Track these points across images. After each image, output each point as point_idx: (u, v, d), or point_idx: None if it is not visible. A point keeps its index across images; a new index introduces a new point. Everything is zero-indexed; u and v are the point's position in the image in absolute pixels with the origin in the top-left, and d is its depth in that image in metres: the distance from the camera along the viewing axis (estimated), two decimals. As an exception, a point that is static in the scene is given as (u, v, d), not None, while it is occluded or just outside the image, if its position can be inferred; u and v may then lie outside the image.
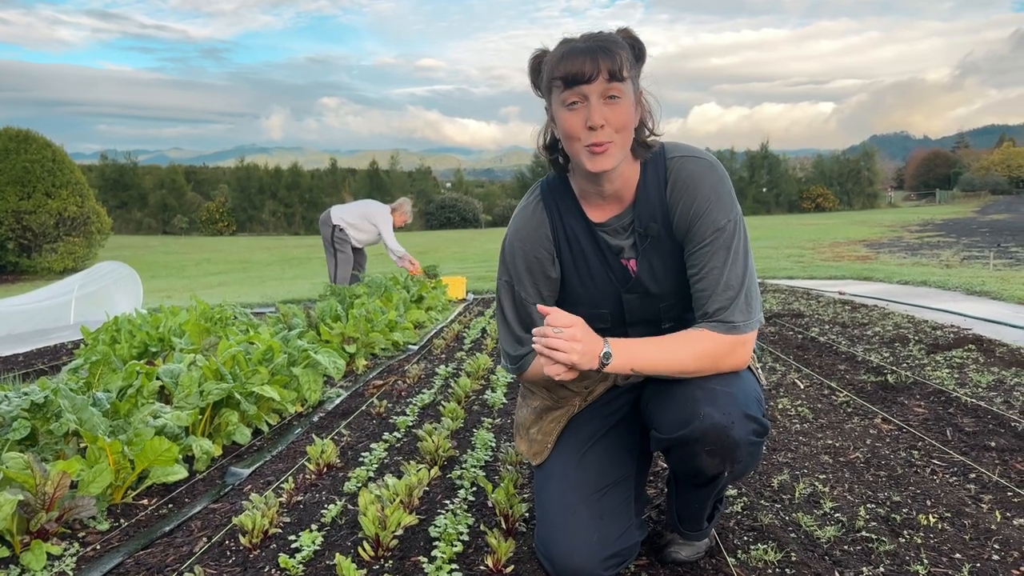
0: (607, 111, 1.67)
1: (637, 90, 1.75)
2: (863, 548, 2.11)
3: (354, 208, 8.18)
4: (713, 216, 1.74)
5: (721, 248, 1.74)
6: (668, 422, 1.73)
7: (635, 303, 1.90)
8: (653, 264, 1.85)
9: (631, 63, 1.71)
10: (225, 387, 3.20)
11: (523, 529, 2.26)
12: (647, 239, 1.83)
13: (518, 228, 1.92)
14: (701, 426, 1.66)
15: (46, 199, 19.47)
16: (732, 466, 1.73)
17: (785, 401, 3.70)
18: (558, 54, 1.69)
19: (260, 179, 57.19)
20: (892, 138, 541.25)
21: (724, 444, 1.67)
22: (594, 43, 1.67)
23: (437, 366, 4.89)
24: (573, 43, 1.70)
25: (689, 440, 1.69)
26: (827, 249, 16.97)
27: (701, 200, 1.76)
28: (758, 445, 1.74)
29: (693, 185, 1.77)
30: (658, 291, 1.87)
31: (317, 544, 2.18)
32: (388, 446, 3.18)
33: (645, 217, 1.82)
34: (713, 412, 1.66)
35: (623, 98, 1.67)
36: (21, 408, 2.73)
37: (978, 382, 3.88)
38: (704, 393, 1.70)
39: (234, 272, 19.52)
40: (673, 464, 1.90)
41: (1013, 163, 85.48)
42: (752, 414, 1.70)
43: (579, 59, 1.65)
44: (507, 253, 1.93)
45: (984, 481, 2.58)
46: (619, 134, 1.69)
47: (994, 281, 8.43)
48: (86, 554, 2.22)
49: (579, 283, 1.92)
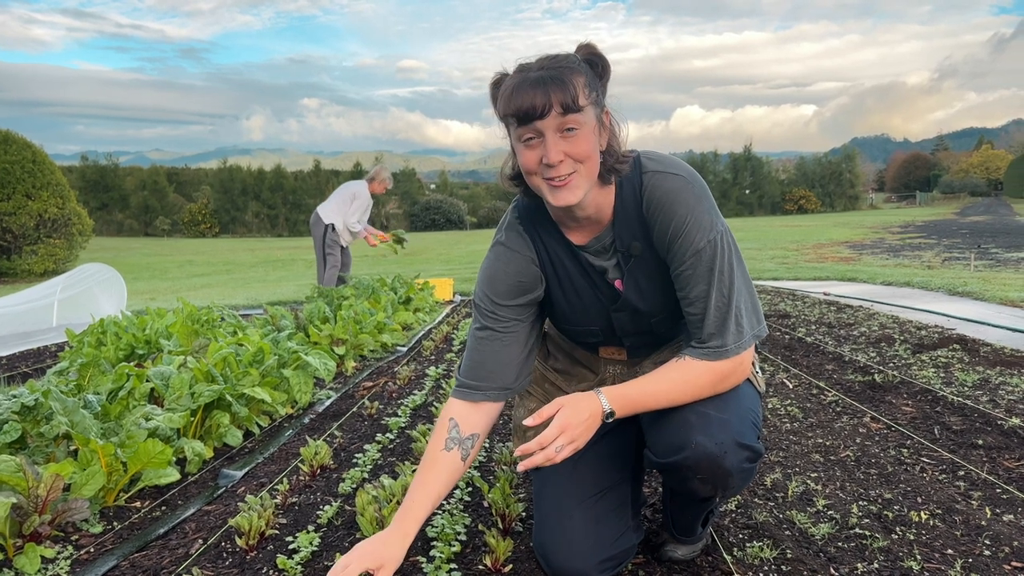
0: (565, 144, 1.59)
1: (601, 112, 1.65)
2: (857, 545, 2.13)
3: (335, 198, 8.18)
4: (691, 237, 1.66)
5: (703, 271, 1.67)
6: (662, 446, 1.72)
7: (625, 319, 1.88)
8: (640, 283, 1.82)
9: (591, 86, 1.61)
10: (216, 389, 3.19)
11: (520, 529, 2.27)
12: (631, 259, 1.79)
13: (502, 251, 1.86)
14: (694, 455, 1.65)
15: (26, 200, 19.22)
16: (724, 491, 1.74)
17: (775, 401, 3.73)
18: (509, 87, 1.60)
19: (243, 180, 56.83)
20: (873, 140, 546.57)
21: (716, 473, 1.67)
22: (547, 72, 1.57)
23: (427, 367, 4.89)
24: (526, 73, 1.60)
25: (681, 467, 1.69)
26: (811, 251, 17.11)
27: (678, 221, 1.67)
28: (750, 471, 1.74)
29: (669, 204, 1.69)
30: (646, 308, 1.85)
31: (314, 545, 2.17)
32: (381, 447, 3.17)
33: (626, 237, 1.77)
34: (705, 442, 1.65)
35: (581, 128, 1.59)
36: (11, 411, 2.70)
37: (964, 381, 3.93)
38: (698, 419, 1.68)
39: (218, 274, 19.38)
40: (667, 481, 1.91)
41: (991, 165, 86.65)
42: (745, 442, 1.68)
43: (530, 93, 1.55)
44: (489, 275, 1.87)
45: (973, 478, 2.61)
46: (582, 164, 1.62)
47: (976, 282, 8.54)
48: (80, 557, 2.20)
49: (567, 304, 1.90)
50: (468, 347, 1.90)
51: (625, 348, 2.01)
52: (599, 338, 1.97)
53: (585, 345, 2.08)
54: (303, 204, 53.90)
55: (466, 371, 1.87)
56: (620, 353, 2.03)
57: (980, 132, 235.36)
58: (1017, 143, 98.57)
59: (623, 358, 2.05)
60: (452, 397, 1.87)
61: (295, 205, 55.87)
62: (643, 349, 2.02)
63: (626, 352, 2.02)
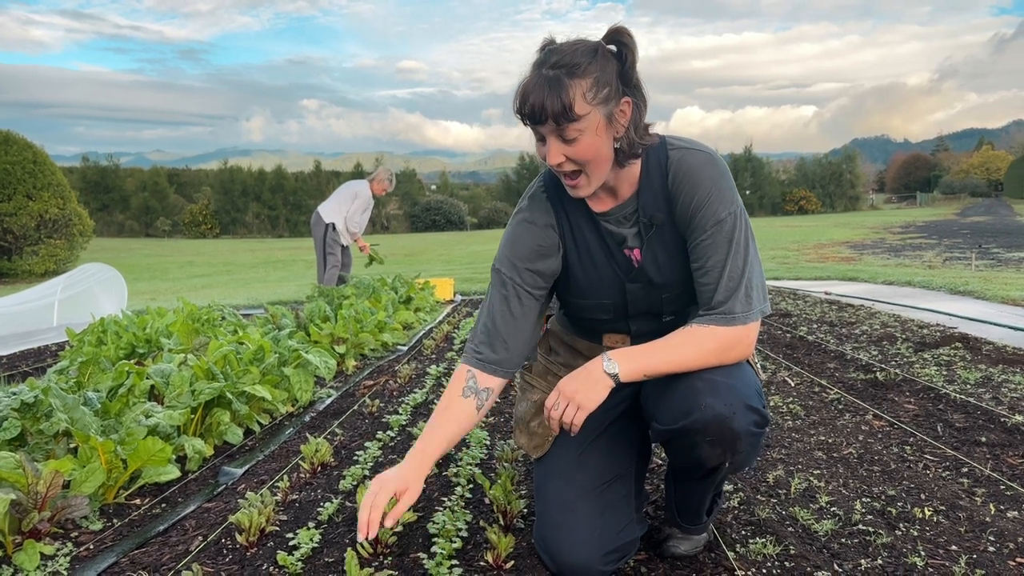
0: (566, 148, 1.63)
1: (617, 104, 1.66)
2: (860, 541, 2.12)
3: (336, 196, 8.19)
4: (714, 208, 1.73)
5: (723, 241, 1.73)
6: (669, 413, 1.73)
7: (638, 293, 1.90)
8: (657, 253, 1.85)
9: (602, 82, 1.61)
10: (217, 386, 3.18)
11: (521, 525, 2.26)
12: (652, 228, 1.83)
13: (525, 216, 1.91)
14: (703, 417, 1.67)
15: (27, 201, 19.23)
16: (733, 456, 1.73)
17: (777, 399, 3.72)
18: (521, 85, 1.64)
19: (243, 181, 56.87)
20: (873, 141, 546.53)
21: (726, 434, 1.68)
22: (553, 73, 1.58)
23: (428, 366, 4.88)
24: (538, 70, 1.61)
25: (690, 431, 1.70)
26: (812, 251, 17.10)
27: (702, 193, 1.74)
28: (759, 436, 1.75)
29: (694, 177, 1.75)
30: (661, 281, 1.87)
31: (315, 542, 2.16)
32: (382, 445, 3.16)
33: (649, 206, 1.82)
34: (715, 403, 1.67)
35: (580, 135, 1.62)
36: (11, 407, 2.69)
37: (966, 379, 3.92)
38: (705, 384, 1.70)
39: (218, 275, 19.38)
40: (673, 456, 1.91)
41: (992, 166, 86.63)
42: (753, 405, 1.70)
43: (529, 98, 1.60)
44: (510, 238, 1.92)
45: (977, 475, 2.60)
46: (587, 165, 1.66)
47: (977, 281, 8.53)
48: (80, 554, 2.19)
49: (582, 274, 1.92)
50: (483, 313, 1.92)
51: (630, 335, 2.00)
52: (609, 315, 1.96)
53: (590, 332, 2.07)
54: (304, 205, 53.93)
55: (482, 337, 1.89)
56: (624, 340, 2.03)
57: (980, 133, 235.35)
58: (1017, 144, 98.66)
59: (627, 345, 2.04)
60: (464, 363, 1.88)
61: (296, 206, 55.91)
62: (647, 337, 2.01)
63: (630, 340, 2.02)
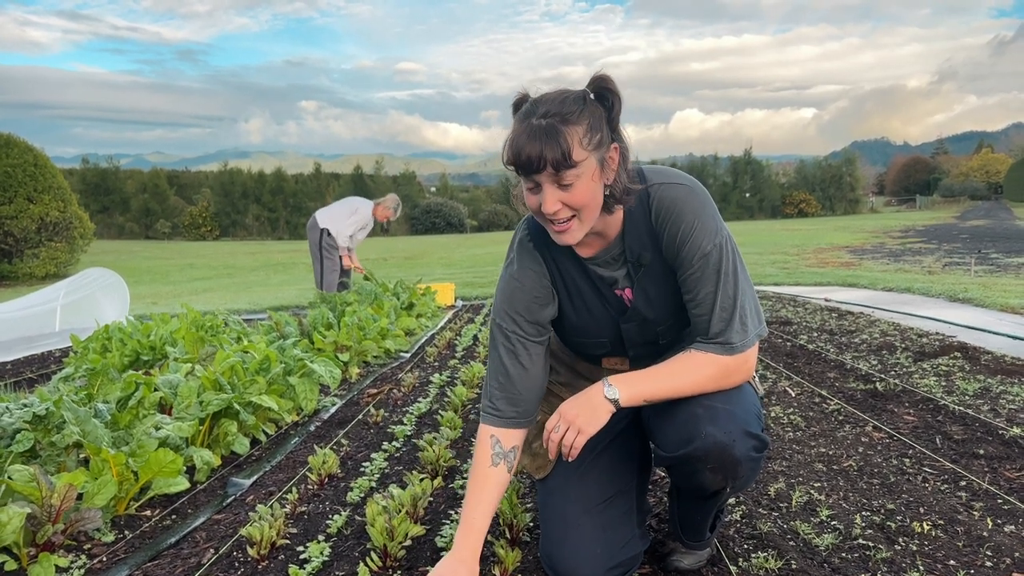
0: (562, 194, 1.64)
1: (607, 151, 1.68)
2: (860, 555, 2.16)
3: (336, 206, 8.20)
4: (699, 241, 1.74)
5: (711, 273, 1.74)
6: (671, 441, 1.77)
7: (633, 330, 1.93)
8: (648, 291, 1.87)
9: (595, 128, 1.64)
10: (225, 397, 3.21)
11: (527, 539, 2.29)
12: (640, 268, 1.85)
13: (517, 268, 1.91)
14: (703, 445, 1.70)
15: (28, 204, 19.25)
16: (734, 481, 1.78)
17: (777, 409, 3.76)
18: (510, 138, 1.64)
19: (243, 184, 56.92)
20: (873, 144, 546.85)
21: (726, 462, 1.72)
22: (547, 122, 1.60)
23: (431, 374, 4.91)
24: (529, 120, 1.62)
25: (692, 458, 1.73)
26: (812, 255, 17.14)
27: (685, 227, 1.75)
28: (758, 460, 1.79)
29: (677, 211, 1.76)
30: (655, 316, 1.90)
31: (325, 555, 2.20)
32: (388, 456, 3.20)
33: (636, 246, 1.83)
34: (714, 431, 1.70)
35: (577, 181, 1.63)
36: (23, 420, 2.73)
37: (965, 390, 3.96)
38: (705, 411, 1.73)
39: (219, 278, 19.41)
40: (676, 479, 1.95)
41: (991, 169, 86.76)
42: (752, 431, 1.74)
43: (525, 148, 1.60)
44: (507, 292, 1.92)
45: (975, 488, 2.64)
46: (580, 210, 1.67)
47: (976, 288, 8.56)
48: (93, 566, 2.23)
49: (576, 317, 1.95)
50: (492, 369, 1.94)
51: (628, 358, 2.04)
52: (607, 349, 2.01)
53: (589, 357, 2.11)
54: (304, 207, 53.96)
55: (497, 393, 1.92)
56: (623, 363, 2.07)
57: (980, 135, 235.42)
58: (1017, 147, 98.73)
59: (626, 368, 2.08)
60: (485, 424, 1.92)
61: (296, 208, 55.95)
62: (646, 360, 2.05)
63: (629, 362, 2.06)
